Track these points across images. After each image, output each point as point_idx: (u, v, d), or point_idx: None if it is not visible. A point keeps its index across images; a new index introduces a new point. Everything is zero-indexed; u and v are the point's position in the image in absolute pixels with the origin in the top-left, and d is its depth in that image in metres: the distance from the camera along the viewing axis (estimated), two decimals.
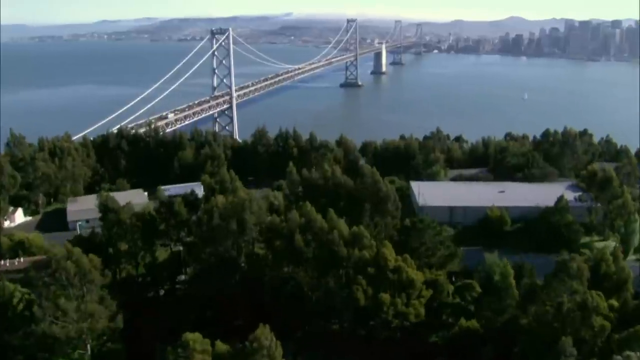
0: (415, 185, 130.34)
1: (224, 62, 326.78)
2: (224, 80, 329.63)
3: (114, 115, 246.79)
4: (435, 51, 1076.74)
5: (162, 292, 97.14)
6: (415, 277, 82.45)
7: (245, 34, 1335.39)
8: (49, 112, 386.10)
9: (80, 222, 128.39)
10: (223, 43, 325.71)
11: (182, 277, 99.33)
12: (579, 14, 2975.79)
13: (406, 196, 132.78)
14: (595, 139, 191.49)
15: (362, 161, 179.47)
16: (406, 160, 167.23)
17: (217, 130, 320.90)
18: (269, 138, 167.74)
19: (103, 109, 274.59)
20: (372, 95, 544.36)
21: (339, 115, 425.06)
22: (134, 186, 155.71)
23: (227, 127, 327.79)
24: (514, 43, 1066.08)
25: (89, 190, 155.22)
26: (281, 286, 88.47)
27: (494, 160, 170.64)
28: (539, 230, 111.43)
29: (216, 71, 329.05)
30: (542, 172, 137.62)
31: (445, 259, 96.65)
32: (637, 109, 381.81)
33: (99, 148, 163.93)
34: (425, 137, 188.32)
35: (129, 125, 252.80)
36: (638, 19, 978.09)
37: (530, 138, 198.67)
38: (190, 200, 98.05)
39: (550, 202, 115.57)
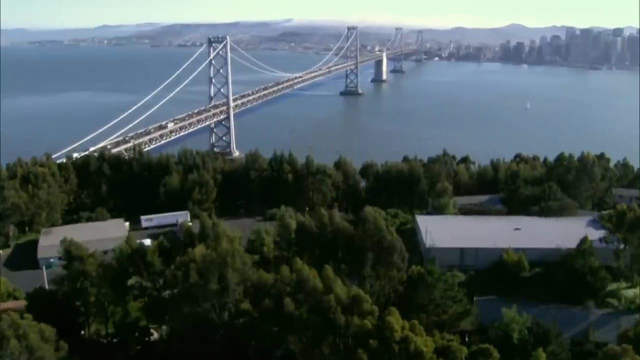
0: (422, 221, 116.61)
1: (221, 71, 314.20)
2: (221, 90, 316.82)
3: (111, 124, 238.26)
4: (436, 59, 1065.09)
5: (133, 353, 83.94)
6: (424, 347, 69.21)
7: (246, 40, 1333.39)
8: (47, 119, 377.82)
9: (52, 259, 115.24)
10: (220, 52, 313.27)
11: (160, 328, 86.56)
12: (580, 22, 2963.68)
13: (411, 231, 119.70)
14: (602, 155, 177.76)
15: (362, 183, 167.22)
16: (410, 185, 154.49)
17: (213, 141, 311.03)
18: (263, 162, 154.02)
19: (101, 117, 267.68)
20: (372, 104, 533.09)
21: (339, 124, 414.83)
22: (116, 212, 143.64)
23: (224, 138, 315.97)
24: (515, 51, 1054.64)
25: (69, 216, 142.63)
26: (270, 350, 75.74)
27: (504, 186, 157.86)
28: (561, 277, 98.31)
29: (213, 80, 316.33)
30: (560, 205, 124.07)
31: (458, 316, 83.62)
32: (638, 119, 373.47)
33: (80, 170, 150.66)
34: (430, 160, 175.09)
35: (120, 139, 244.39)
36: (639, 27, 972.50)
37: (541, 159, 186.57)
38: (165, 248, 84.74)
39: (572, 243, 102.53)
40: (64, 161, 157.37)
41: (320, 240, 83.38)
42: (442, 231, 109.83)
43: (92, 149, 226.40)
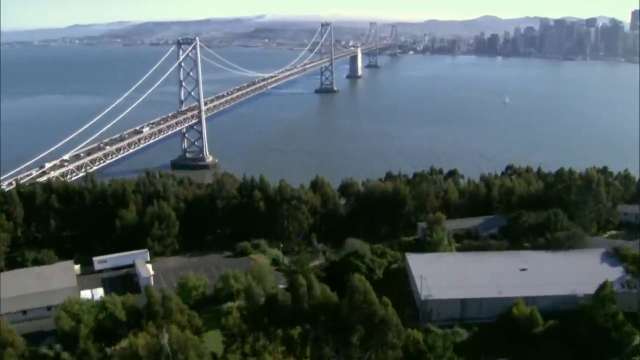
0: (414, 263, 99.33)
1: (191, 73, 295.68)
2: (192, 93, 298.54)
3: (84, 128, 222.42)
4: (411, 52, 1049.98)
5: None
6: None
7: (219, 37, 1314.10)
8: (15, 124, 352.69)
9: None
10: (190, 54, 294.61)
11: None
12: (553, 12, 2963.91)
13: (401, 273, 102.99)
14: (605, 169, 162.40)
15: (343, 201, 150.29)
16: (395, 207, 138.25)
17: (185, 146, 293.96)
18: (231, 187, 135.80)
19: (73, 121, 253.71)
20: (348, 102, 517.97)
21: (314, 125, 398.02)
22: (70, 244, 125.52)
23: (196, 143, 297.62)
24: (490, 43, 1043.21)
25: (16, 252, 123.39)
26: None
27: (498, 205, 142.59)
28: (580, 331, 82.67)
29: (183, 84, 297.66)
30: (567, 235, 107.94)
31: None
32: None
33: (27, 200, 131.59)
34: (416, 176, 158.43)
35: (94, 145, 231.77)
36: (611, 17, 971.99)
37: (535, 169, 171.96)
38: (105, 328, 67.69)
39: (588, 286, 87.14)
40: (9, 189, 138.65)
41: (296, 315, 66.66)
42: (438, 276, 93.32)
43: (65, 156, 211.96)
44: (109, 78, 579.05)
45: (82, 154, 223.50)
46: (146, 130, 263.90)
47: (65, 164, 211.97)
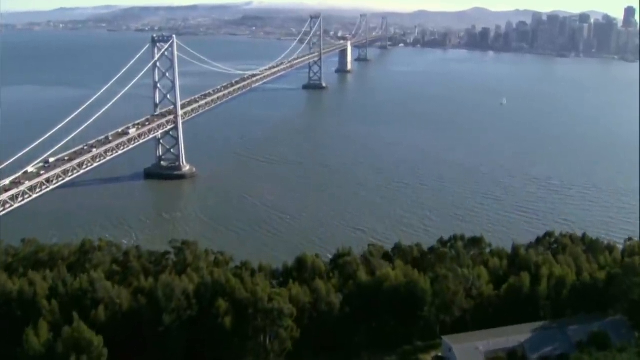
0: None
1: (167, 74, 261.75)
2: (168, 96, 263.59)
3: (59, 127, 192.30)
4: (401, 45, 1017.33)
5: None
6: None
7: (206, 25, 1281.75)
8: None
9: None
10: (166, 53, 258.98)
11: None
12: (543, 6, 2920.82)
13: None
14: None
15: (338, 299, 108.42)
16: (411, 305, 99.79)
17: (160, 153, 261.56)
18: (186, 289, 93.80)
19: (48, 118, 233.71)
20: (337, 100, 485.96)
21: (299, 127, 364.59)
22: None
23: (172, 150, 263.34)
24: (481, 37, 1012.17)
25: None
26: None
27: (546, 302, 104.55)
28: None
29: (159, 85, 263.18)
30: None
31: None
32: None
33: None
34: (434, 252, 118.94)
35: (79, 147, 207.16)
36: (604, 12, 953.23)
37: (580, 233, 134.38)
38: None
39: None
40: None
41: None
42: None
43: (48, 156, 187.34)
44: (90, 67, 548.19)
45: (66, 157, 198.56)
46: (132, 131, 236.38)
47: (42, 172, 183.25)
